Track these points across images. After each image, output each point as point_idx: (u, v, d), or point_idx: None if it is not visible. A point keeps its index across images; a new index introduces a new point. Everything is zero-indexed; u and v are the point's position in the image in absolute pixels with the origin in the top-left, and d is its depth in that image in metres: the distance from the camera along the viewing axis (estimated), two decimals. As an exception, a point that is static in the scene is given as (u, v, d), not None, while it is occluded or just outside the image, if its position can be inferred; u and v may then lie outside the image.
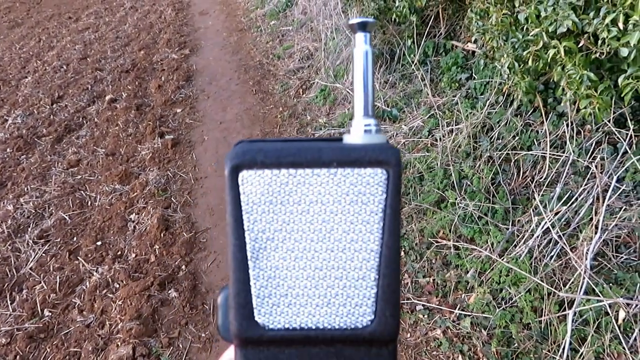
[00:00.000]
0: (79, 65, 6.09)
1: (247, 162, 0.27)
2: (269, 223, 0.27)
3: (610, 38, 1.72)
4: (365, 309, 0.27)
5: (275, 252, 0.27)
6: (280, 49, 5.58)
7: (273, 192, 0.27)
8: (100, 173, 3.75)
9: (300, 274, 0.27)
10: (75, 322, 2.52)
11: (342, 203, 0.27)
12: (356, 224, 0.27)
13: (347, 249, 0.27)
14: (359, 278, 0.27)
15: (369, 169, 0.27)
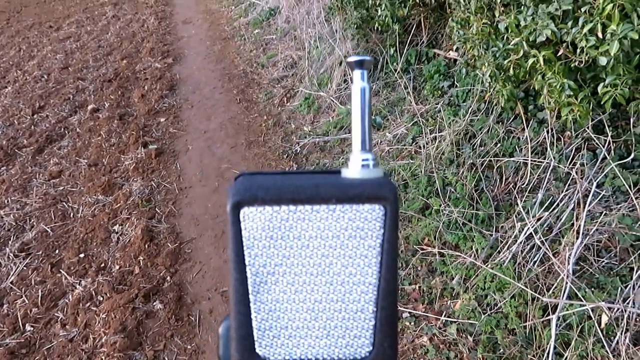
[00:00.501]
0: (60, 75, 6.03)
1: (248, 199, 0.27)
2: (269, 258, 0.28)
3: (589, 47, 1.75)
4: (364, 340, 0.28)
5: (275, 285, 0.28)
6: (264, 58, 5.59)
7: (273, 228, 0.27)
8: (83, 184, 3.71)
9: (300, 307, 0.28)
10: (58, 336, 2.47)
11: (340, 238, 0.27)
12: (355, 258, 0.27)
13: (346, 283, 0.27)
14: (357, 310, 0.28)
15: (367, 204, 0.27)
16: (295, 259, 0.27)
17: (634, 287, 2.04)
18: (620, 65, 1.72)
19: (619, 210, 2.34)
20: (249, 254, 0.28)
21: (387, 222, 0.27)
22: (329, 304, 0.27)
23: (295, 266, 0.27)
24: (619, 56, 1.68)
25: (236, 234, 0.28)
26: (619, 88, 1.75)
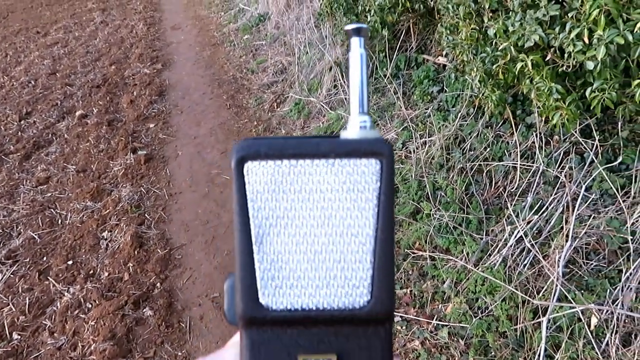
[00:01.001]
0: (47, 81, 5.98)
1: (252, 154, 0.29)
2: (272, 210, 0.29)
3: (576, 52, 1.78)
4: (362, 289, 0.29)
5: (278, 237, 0.29)
6: (254, 63, 5.59)
7: (276, 182, 0.29)
8: (71, 190, 3.67)
9: (301, 258, 0.29)
10: (46, 344, 2.44)
11: (339, 191, 0.29)
12: (353, 210, 0.29)
13: (345, 234, 0.29)
14: (356, 261, 0.29)
15: (364, 159, 0.29)
16: (297, 212, 0.29)
17: (622, 289, 2.06)
18: (607, 69, 1.74)
19: (606, 213, 2.37)
20: (252, 207, 0.29)
21: (383, 175, 0.29)
22: (328, 254, 0.29)
23: (296, 219, 0.29)
24: (606, 61, 1.70)
25: (240, 189, 0.29)
26: (607, 92, 1.77)
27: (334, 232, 0.29)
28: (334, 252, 0.29)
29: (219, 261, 2.90)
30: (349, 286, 0.29)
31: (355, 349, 0.29)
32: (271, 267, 0.29)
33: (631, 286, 2.04)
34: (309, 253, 0.29)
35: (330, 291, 0.29)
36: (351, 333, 0.29)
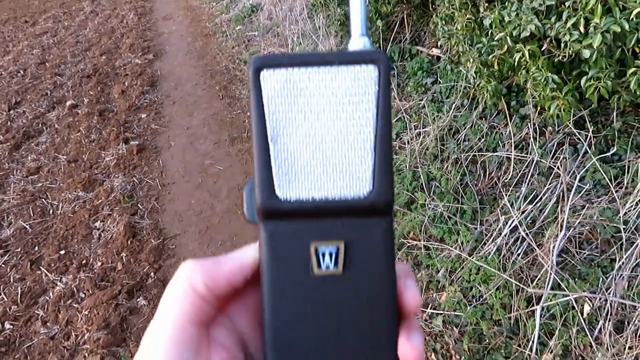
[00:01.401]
0: (37, 71, 5.90)
1: (267, 64, 0.33)
2: (284, 113, 0.33)
3: (572, 41, 1.79)
4: (365, 181, 0.33)
5: (290, 137, 0.33)
6: (247, 54, 5.56)
7: (287, 87, 0.33)
8: (62, 180, 3.64)
9: (311, 155, 0.33)
10: (39, 334, 2.42)
11: (343, 95, 0.33)
12: (355, 111, 0.33)
13: (348, 133, 0.33)
14: (358, 156, 0.33)
15: (364, 65, 0.33)
16: (306, 114, 0.33)
17: (615, 278, 2.09)
18: (602, 58, 1.75)
19: (599, 203, 2.39)
20: (267, 110, 0.33)
21: (380, 79, 0.33)
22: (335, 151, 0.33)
23: (306, 120, 0.33)
24: (602, 49, 1.71)
25: (257, 94, 0.33)
26: (602, 81, 1.78)
27: (339, 131, 0.33)
28: (339, 149, 0.33)
29: (212, 251, 2.89)
30: (353, 178, 0.33)
31: (360, 238, 0.33)
32: (285, 163, 0.33)
33: (623, 275, 2.07)
34: (318, 150, 0.33)
35: (337, 183, 0.33)
36: (356, 224, 0.33)
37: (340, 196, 0.33)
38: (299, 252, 0.33)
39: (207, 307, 0.32)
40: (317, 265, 0.33)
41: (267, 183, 0.33)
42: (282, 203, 0.33)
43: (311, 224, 0.33)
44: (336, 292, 0.33)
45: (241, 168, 3.65)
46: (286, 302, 0.33)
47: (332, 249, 0.33)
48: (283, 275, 0.33)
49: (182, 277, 0.33)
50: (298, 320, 0.33)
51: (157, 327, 0.32)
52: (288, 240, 0.33)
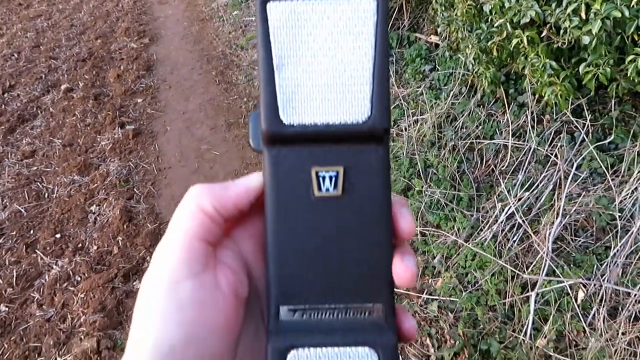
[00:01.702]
0: (31, 54, 5.84)
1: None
2: (289, 42, 0.34)
3: (572, 27, 1.78)
4: (363, 107, 0.34)
5: (294, 65, 0.34)
6: (244, 40, 5.52)
7: (292, 19, 0.34)
8: (58, 164, 3.62)
9: (313, 83, 0.34)
10: (35, 316, 2.42)
11: (344, 26, 0.35)
12: (355, 41, 0.34)
13: (349, 62, 0.34)
14: (358, 84, 0.34)
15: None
16: (309, 44, 0.34)
17: (609, 265, 2.11)
18: (602, 45, 1.75)
19: (595, 191, 2.41)
20: (273, 40, 0.34)
21: (379, 11, 0.34)
22: (335, 79, 0.34)
23: (308, 49, 0.34)
24: (601, 36, 1.71)
25: (263, 25, 0.35)
26: (601, 68, 1.78)
27: (339, 60, 0.34)
28: (340, 77, 0.34)
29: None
30: (352, 105, 0.34)
31: (358, 163, 0.35)
32: (289, 90, 0.34)
33: (618, 262, 2.09)
34: (320, 78, 0.34)
35: (338, 109, 0.34)
36: (355, 149, 0.35)
37: (340, 122, 0.34)
38: (301, 175, 0.35)
39: (214, 228, 0.34)
40: (317, 188, 0.35)
41: (272, 109, 0.34)
42: (286, 128, 0.34)
43: (313, 150, 0.35)
44: (335, 213, 0.35)
45: (238, 154, 3.64)
46: (288, 222, 0.35)
47: (332, 173, 0.35)
48: (285, 197, 0.35)
49: (191, 199, 0.35)
50: (299, 239, 0.35)
51: (167, 244, 0.33)
52: (290, 165, 0.35)
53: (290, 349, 0.33)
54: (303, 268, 0.35)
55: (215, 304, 0.33)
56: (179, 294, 0.32)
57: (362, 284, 0.35)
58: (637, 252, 2.09)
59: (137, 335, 0.32)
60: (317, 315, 0.35)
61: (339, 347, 0.34)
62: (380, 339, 0.34)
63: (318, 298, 0.35)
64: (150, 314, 0.32)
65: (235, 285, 0.35)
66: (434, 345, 2.13)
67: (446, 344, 2.12)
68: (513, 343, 2.02)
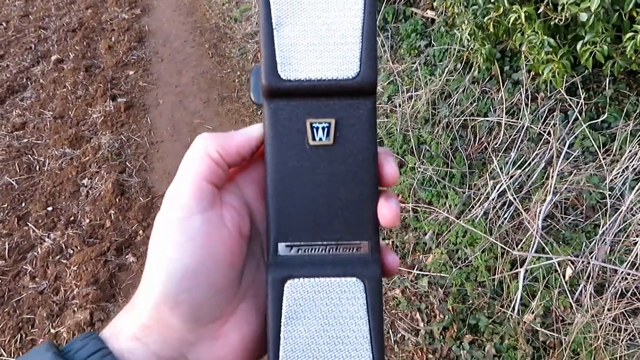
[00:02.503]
0: (20, 23, 5.71)
1: None
2: (287, 4, 0.37)
3: (570, 4, 1.76)
4: (353, 65, 0.37)
5: (292, 25, 0.37)
6: (237, 12, 5.42)
7: None
8: (49, 137, 3.58)
9: (308, 41, 0.38)
10: (28, 288, 2.43)
11: (336, 9, 0.37)
12: (346, 4, 0.37)
13: (340, 23, 0.38)
14: (348, 43, 0.38)
15: None
16: (306, 6, 0.38)
17: (598, 243, 2.13)
18: (600, 22, 1.73)
19: (587, 169, 2.42)
20: (273, 2, 0.37)
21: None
22: (328, 38, 0.38)
23: (305, 11, 0.38)
24: (599, 13, 1.69)
25: None
26: (598, 45, 1.77)
27: (332, 21, 0.37)
28: (332, 37, 0.38)
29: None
30: (343, 62, 0.37)
31: (348, 115, 0.38)
32: (287, 48, 0.37)
33: (606, 240, 2.12)
34: (314, 37, 0.38)
35: (330, 66, 0.37)
36: (345, 103, 0.38)
37: (332, 77, 0.37)
38: (297, 126, 0.38)
39: (219, 172, 0.38)
40: (312, 138, 0.38)
41: (272, 65, 0.37)
42: (284, 82, 0.37)
43: (307, 103, 0.38)
44: (327, 159, 0.38)
45: (231, 127, 3.62)
46: (285, 168, 0.38)
47: (324, 124, 0.38)
48: (283, 145, 0.38)
49: (199, 145, 0.38)
50: (295, 183, 0.38)
51: (178, 184, 0.37)
52: (287, 116, 0.38)
53: (287, 279, 0.38)
54: (298, 209, 0.38)
55: (221, 238, 0.37)
56: (189, 227, 0.35)
57: (351, 223, 0.39)
58: (625, 230, 2.11)
59: (152, 264, 0.36)
60: (311, 250, 0.39)
61: (330, 278, 0.38)
62: (367, 271, 0.38)
63: (312, 235, 0.39)
64: (164, 244, 0.35)
65: (239, 223, 0.39)
66: (423, 320, 2.16)
67: (435, 319, 2.16)
68: (501, 318, 2.06)
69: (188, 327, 0.36)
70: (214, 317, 0.37)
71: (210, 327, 0.37)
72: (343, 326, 0.38)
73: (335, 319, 0.38)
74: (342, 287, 0.38)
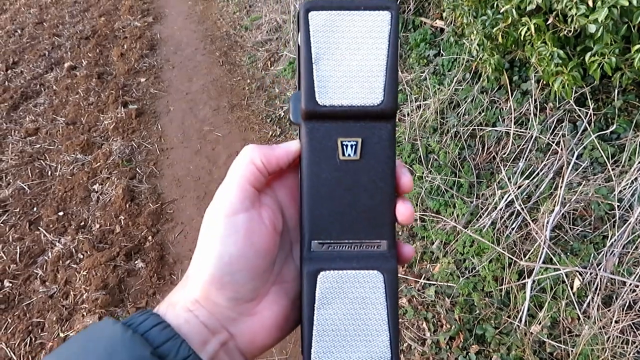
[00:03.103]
0: (34, 30, 5.81)
1: (314, 7, 0.44)
2: (325, 42, 0.44)
3: (579, 15, 1.77)
4: (378, 94, 0.44)
5: (328, 60, 0.44)
6: (248, 20, 5.48)
7: (328, 24, 0.44)
8: (61, 142, 3.63)
9: (342, 73, 0.44)
10: (38, 292, 2.46)
11: (366, 31, 0.44)
12: (373, 43, 0.44)
13: (368, 58, 0.44)
14: (374, 75, 0.44)
15: (380, 11, 0.44)
16: (340, 44, 0.44)
17: (606, 254, 2.12)
18: (608, 34, 1.74)
19: (595, 180, 2.41)
20: (313, 40, 0.44)
21: (392, 21, 0.44)
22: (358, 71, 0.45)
23: (339, 48, 0.44)
24: (608, 24, 1.70)
25: (306, 29, 0.44)
26: (607, 57, 1.77)
27: (361, 57, 0.44)
28: (361, 70, 0.44)
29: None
30: (369, 91, 0.44)
31: (372, 136, 0.45)
32: (323, 78, 0.44)
33: (615, 251, 2.11)
34: (347, 70, 0.44)
35: (359, 94, 0.44)
36: (370, 125, 0.45)
37: (360, 104, 0.44)
38: (329, 144, 0.45)
39: (260, 177, 0.45)
40: (342, 154, 0.45)
41: (311, 92, 0.44)
42: (320, 107, 0.44)
43: (339, 124, 0.45)
44: (354, 172, 0.45)
45: (240, 135, 3.65)
46: (319, 177, 0.45)
47: (353, 142, 0.45)
48: (317, 159, 0.45)
49: (246, 154, 0.45)
50: (326, 191, 0.45)
51: (226, 186, 0.44)
52: (322, 135, 0.45)
53: (319, 271, 0.45)
54: (329, 212, 0.46)
55: (260, 232, 0.44)
56: (234, 223, 0.42)
57: (372, 225, 0.46)
58: (634, 242, 2.10)
59: (202, 251, 0.43)
60: (339, 247, 0.46)
61: (355, 270, 0.45)
62: (385, 265, 0.45)
63: (340, 235, 0.46)
64: (213, 235, 0.42)
65: (274, 221, 0.46)
66: (430, 329, 2.16)
67: (442, 328, 2.16)
68: (508, 329, 2.05)
69: (230, 305, 0.43)
70: (250, 297, 0.44)
71: (247, 305, 0.44)
72: (366, 310, 0.45)
73: (359, 305, 0.45)
74: (365, 279, 0.45)
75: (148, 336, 0.38)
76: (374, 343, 0.45)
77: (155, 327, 0.39)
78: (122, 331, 0.38)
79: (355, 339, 0.45)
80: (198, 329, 0.41)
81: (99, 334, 0.38)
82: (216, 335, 0.42)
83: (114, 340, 0.37)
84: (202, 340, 0.41)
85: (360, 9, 0.44)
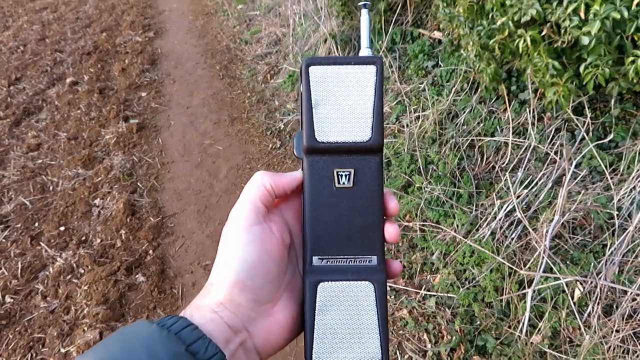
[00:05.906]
0: (37, 47, 5.87)
1: (313, 62, 0.53)
2: (322, 90, 0.53)
3: (572, 27, 1.79)
4: (367, 132, 0.53)
5: (325, 105, 0.53)
6: (248, 34, 5.52)
7: (324, 76, 0.53)
8: (62, 157, 3.65)
9: (336, 115, 0.53)
10: (39, 307, 2.47)
11: (356, 82, 0.53)
12: (362, 92, 0.53)
13: (357, 104, 0.53)
14: (363, 117, 0.53)
15: (368, 65, 0.53)
16: (335, 92, 0.53)
17: (606, 263, 2.12)
18: (601, 45, 1.75)
19: (594, 189, 2.41)
20: (312, 89, 0.53)
21: (378, 74, 0.53)
22: (350, 114, 0.53)
23: (334, 96, 0.53)
24: (601, 36, 1.71)
25: (307, 80, 0.53)
26: (600, 68, 1.79)
27: (352, 102, 0.53)
28: (352, 113, 0.53)
29: (211, 230, 2.92)
30: (360, 130, 0.53)
31: (363, 167, 0.53)
32: (321, 120, 0.53)
33: (615, 260, 2.10)
34: (340, 113, 0.53)
35: (351, 133, 0.53)
36: (361, 158, 0.53)
37: (352, 140, 0.53)
38: (327, 174, 0.53)
39: (269, 198, 0.52)
40: (337, 182, 0.53)
41: (311, 131, 0.52)
42: (319, 143, 0.53)
43: (335, 158, 0.53)
44: (348, 197, 0.53)
45: (240, 148, 3.67)
46: (318, 202, 0.53)
47: (346, 172, 0.53)
48: (317, 186, 0.53)
49: (257, 178, 0.53)
50: (325, 214, 0.53)
51: (241, 203, 0.51)
52: (321, 167, 0.53)
53: (319, 282, 0.52)
54: (327, 232, 0.53)
55: (272, 242, 0.51)
56: (251, 233, 0.49)
57: (364, 243, 0.53)
58: (634, 250, 2.10)
59: (224, 259, 0.49)
60: (336, 262, 0.53)
61: (350, 281, 0.52)
62: (376, 276, 0.52)
63: (336, 251, 0.53)
64: (233, 245, 0.49)
65: (282, 234, 0.53)
66: (431, 341, 2.15)
67: (443, 340, 2.15)
68: (509, 339, 2.05)
69: (251, 306, 0.48)
70: (267, 300, 0.50)
71: (265, 307, 0.50)
72: (359, 316, 0.51)
73: (354, 311, 0.52)
74: (358, 288, 0.52)
75: (180, 335, 0.43)
76: (366, 344, 0.51)
77: (186, 328, 0.43)
78: (158, 330, 0.42)
79: (351, 341, 0.51)
80: (222, 329, 0.46)
81: (136, 333, 0.42)
82: (237, 334, 0.47)
83: (151, 338, 0.41)
84: (225, 339, 0.46)
85: (351, 63, 0.53)
